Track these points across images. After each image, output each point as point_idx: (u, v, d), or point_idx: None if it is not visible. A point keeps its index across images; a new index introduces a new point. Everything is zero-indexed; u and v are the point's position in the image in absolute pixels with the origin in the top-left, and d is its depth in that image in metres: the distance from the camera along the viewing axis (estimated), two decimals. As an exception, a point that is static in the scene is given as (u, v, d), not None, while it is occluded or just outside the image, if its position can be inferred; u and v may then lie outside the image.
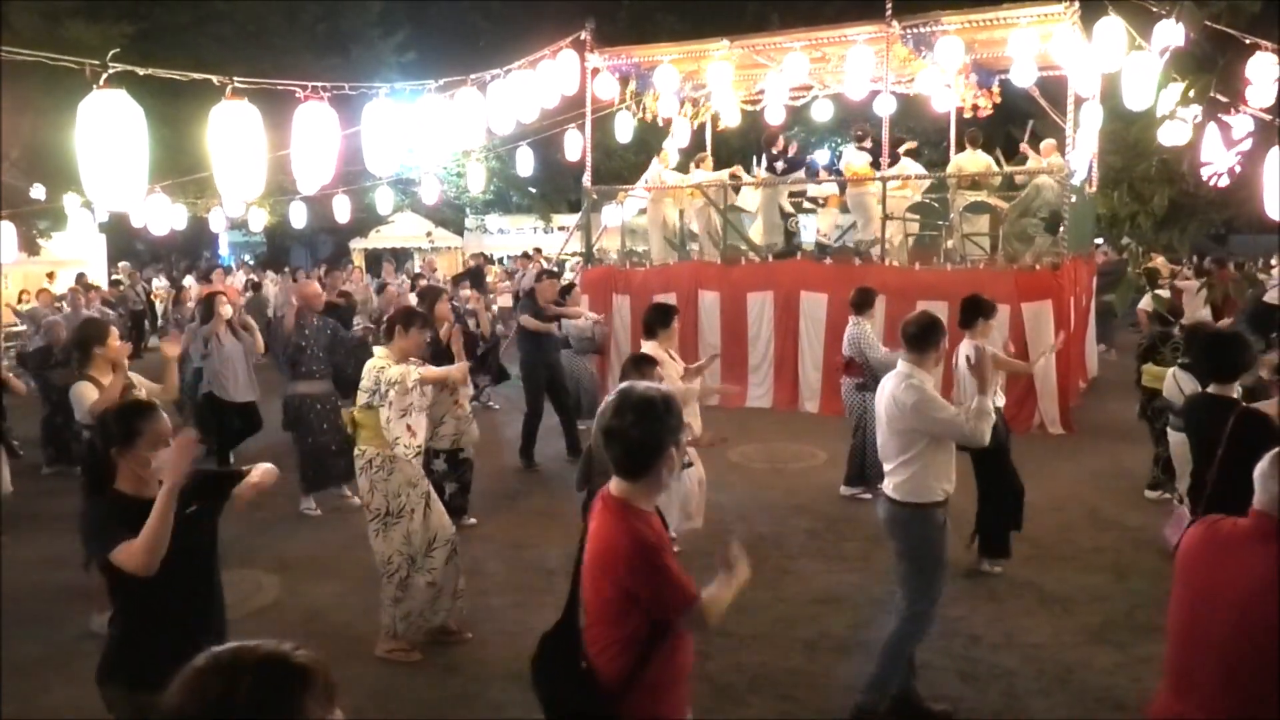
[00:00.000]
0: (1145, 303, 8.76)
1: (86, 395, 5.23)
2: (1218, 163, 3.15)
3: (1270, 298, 14.48)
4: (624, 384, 2.58)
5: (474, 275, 15.39)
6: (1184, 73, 2.49)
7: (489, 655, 5.00)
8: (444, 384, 5.73)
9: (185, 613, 2.96)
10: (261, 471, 3.20)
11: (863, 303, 7.63)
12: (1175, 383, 6.21)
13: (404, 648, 4.99)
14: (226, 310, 8.20)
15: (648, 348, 6.21)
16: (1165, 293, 10.14)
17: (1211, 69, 2.45)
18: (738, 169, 13.18)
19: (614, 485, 2.53)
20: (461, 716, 4.43)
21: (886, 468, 4.33)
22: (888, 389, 4.29)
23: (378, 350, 5.21)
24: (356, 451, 5.09)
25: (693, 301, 11.59)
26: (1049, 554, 6.37)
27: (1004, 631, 5.22)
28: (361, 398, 5.08)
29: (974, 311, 6.08)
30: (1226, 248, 28.32)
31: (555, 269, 9.58)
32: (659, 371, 5.45)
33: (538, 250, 21.19)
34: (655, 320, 6.36)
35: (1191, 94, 2.46)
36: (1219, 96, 2.76)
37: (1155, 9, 2.93)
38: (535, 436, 9.02)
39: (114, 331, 5.67)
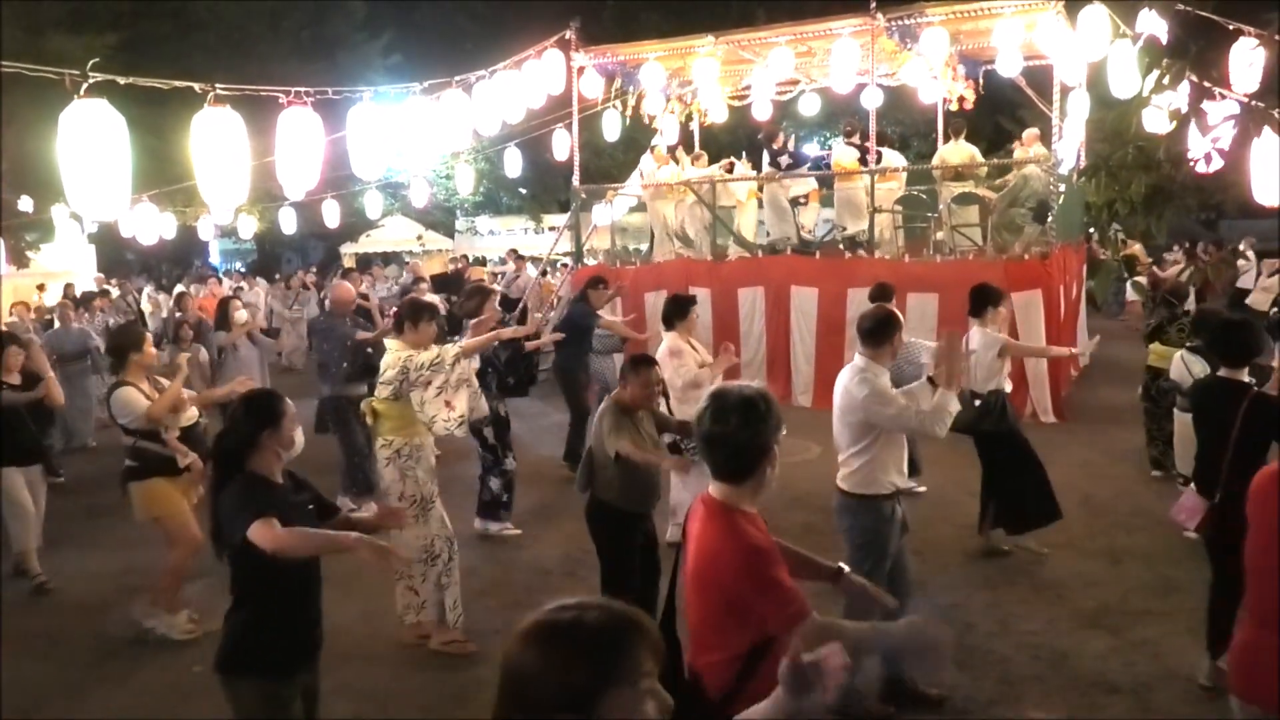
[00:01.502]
0: (1132, 293, 8.84)
1: (132, 399, 5.25)
2: (1196, 148, 3.16)
3: (1244, 283, 14.53)
4: (718, 387, 2.54)
5: (453, 280, 14.94)
6: (1156, 60, 2.50)
7: (485, 655, 5.00)
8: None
9: (305, 600, 3.11)
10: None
11: (880, 296, 7.63)
12: (1184, 364, 6.29)
13: (459, 639, 5.02)
14: (242, 315, 8.13)
15: (668, 339, 6.22)
16: (1144, 279, 10.19)
17: (1184, 55, 2.46)
18: (731, 161, 13.21)
19: (714, 488, 2.48)
20: (458, 716, 4.44)
21: (839, 458, 4.35)
22: (843, 381, 4.30)
23: (390, 344, 5.24)
24: (381, 443, 5.10)
25: (684, 298, 11.60)
26: (1043, 541, 6.38)
27: (999, 619, 5.24)
28: (384, 390, 5.10)
29: (983, 300, 6.09)
30: (1216, 233, 28.37)
31: (603, 280, 9.23)
32: (665, 368, 5.44)
33: (513, 251, 20.93)
34: (673, 312, 6.34)
35: (1166, 80, 2.48)
36: (1193, 79, 2.76)
37: (1133, -4, 2.95)
38: (584, 438, 8.75)
39: (149, 338, 5.73)
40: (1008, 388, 6.31)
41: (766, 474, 2.45)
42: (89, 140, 3.72)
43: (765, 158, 12.46)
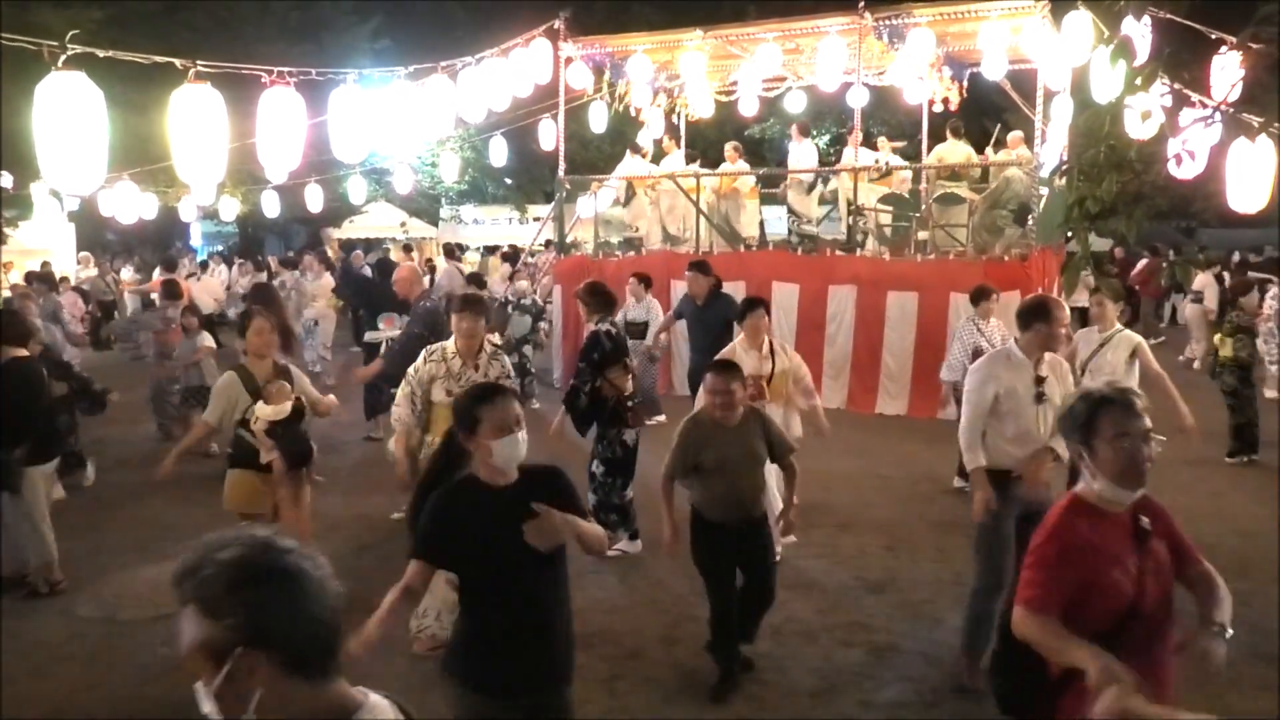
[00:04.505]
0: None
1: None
2: (1169, 149, 3.21)
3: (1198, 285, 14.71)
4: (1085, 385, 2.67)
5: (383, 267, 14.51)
6: (1128, 60, 2.53)
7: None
8: None
9: (523, 619, 2.83)
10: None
11: (980, 296, 7.72)
12: None
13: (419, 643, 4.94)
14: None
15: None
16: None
17: (1156, 58, 2.49)
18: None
19: (1081, 486, 2.60)
20: (436, 698, 4.44)
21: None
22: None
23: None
24: (427, 440, 5.03)
25: (665, 291, 11.61)
26: (1013, 540, 6.45)
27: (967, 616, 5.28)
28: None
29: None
30: (1195, 240, 28.72)
31: (706, 265, 8.69)
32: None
33: (449, 249, 20.52)
34: (740, 313, 6.21)
35: (1138, 81, 2.51)
36: (1166, 82, 2.80)
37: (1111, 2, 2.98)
38: None
39: (258, 323, 5.37)
40: None
41: (1089, 477, 2.51)
42: (65, 113, 3.69)
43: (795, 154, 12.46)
